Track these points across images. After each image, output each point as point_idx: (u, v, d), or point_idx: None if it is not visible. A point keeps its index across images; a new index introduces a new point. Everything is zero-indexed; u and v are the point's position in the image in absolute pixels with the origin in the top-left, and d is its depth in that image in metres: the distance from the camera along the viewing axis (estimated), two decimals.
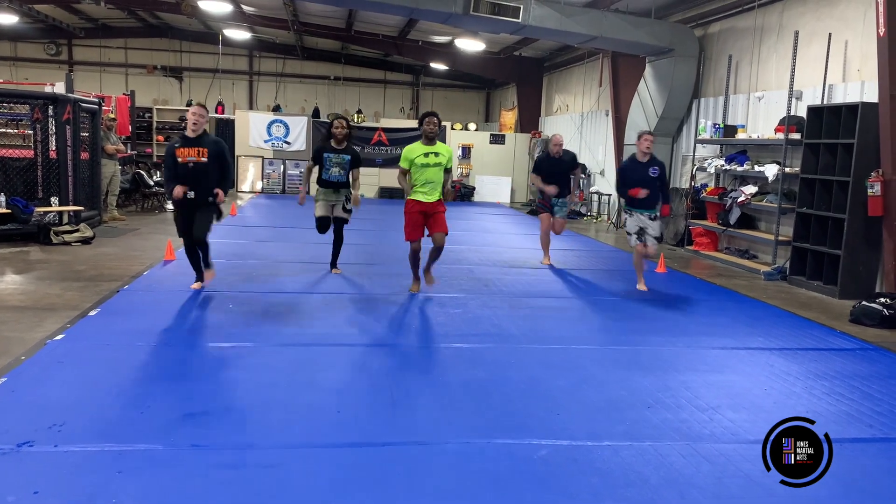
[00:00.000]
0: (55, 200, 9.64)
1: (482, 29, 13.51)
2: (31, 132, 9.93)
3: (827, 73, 8.69)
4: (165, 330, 5.35)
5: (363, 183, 18.78)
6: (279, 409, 3.96)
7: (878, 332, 6.42)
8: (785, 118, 9.11)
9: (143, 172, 13.53)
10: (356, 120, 20.56)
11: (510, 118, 21.34)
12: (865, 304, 6.78)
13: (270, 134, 18.18)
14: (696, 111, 11.86)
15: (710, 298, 7.61)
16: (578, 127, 16.86)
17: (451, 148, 6.87)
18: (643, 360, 5.23)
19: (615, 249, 11.11)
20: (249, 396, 4.12)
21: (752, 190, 9.78)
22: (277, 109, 21.50)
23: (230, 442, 3.50)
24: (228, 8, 15.96)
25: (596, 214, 15.79)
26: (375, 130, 18.58)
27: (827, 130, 8.21)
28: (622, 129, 13.89)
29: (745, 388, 4.70)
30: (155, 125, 20.39)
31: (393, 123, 19.50)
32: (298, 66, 23.03)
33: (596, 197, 15.77)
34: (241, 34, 19.91)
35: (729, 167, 10.16)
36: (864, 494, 3.29)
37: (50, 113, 9.65)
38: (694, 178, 11.24)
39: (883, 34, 7.12)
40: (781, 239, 9.11)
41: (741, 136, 10.10)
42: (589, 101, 16.45)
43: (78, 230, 9.32)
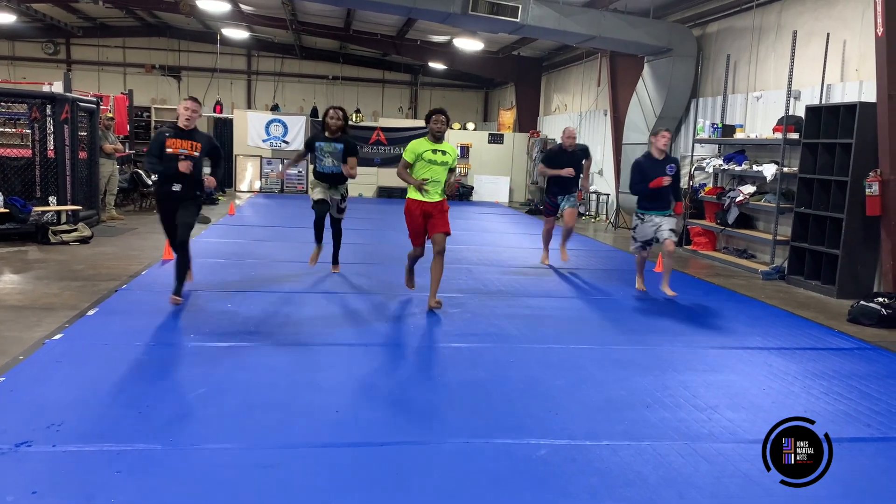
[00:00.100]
0: (53, 200, 9.63)
1: (481, 28, 13.51)
2: (29, 131, 9.91)
3: (825, 72, 8.70)
4: (164, 329, 5.34)
5: (362, 182, 19.09)
6: (278, 408, 3.96)
7: (876, 331, 6.43)
8: (783, 118, 9.12)
9: (141, 172, 13.48)
10: (354, 119, 20.54)
11: (508, 118, 21.34)
12: (863, 303, 6.80)
13: (269, 133, 18.18)
14: (694, 111, 11.87)
15: (708, 298, 7.61)
16: (577, 127, 16.85)
17: (456, 149, 6.62)
18: (641, 359, 5.23)
19: (613, 249, 11.12)
20: (248, 396, 4.12)
21: (750, 189, 9.79)
22: (276, 109, 21.46)
23: (229, 442, 3.50)
24: (227, 7, 15.94)
25: (594, 214, 15.79)
26: (374, 130, 18.61)
27: (825, 130, 8.22)
28: (620, 128, 13.91)
29: (743, 387, 4.70)
30: (153, 124, 20.35)
31: (391, 123, 19.53)
32: (297, 65, 23.01)
33: (594, 196, 15.78)
34: (239, 33, 19.88)
35: (727, 167, 10.17)
36: (862, 494, 3.29)
37: (48, 112, 9.63)
38: (692, 177, 11.25)
39: (881, 34, 7.13)
40: (779, 239, 9.12)
41: (739, 135, 10.11)
42: (587, 100, 16.46)
43: (76, 230, 9.32)
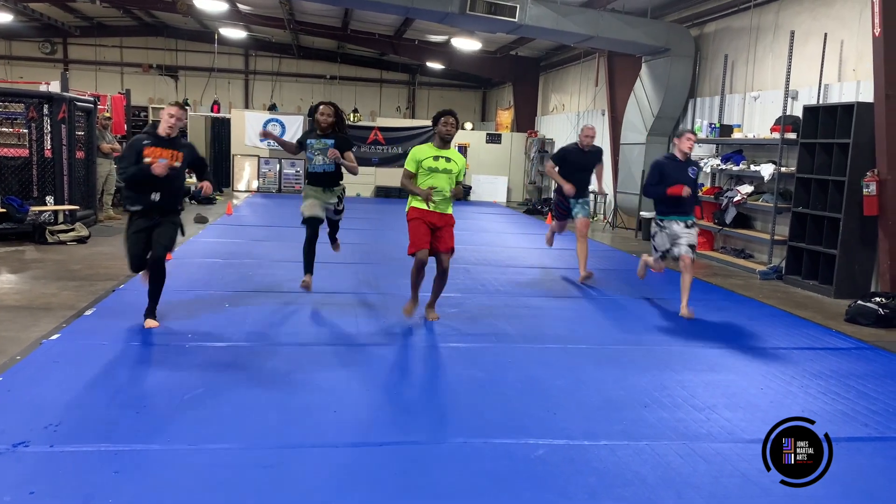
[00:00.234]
0: (50, 199, 9.61)
1: (479, 28, 13.51)
2: (26, 131, 9.89)
3: (823, 72, 8.71)
4: (161, 329, 5.33)
5: (359, 182, 19.08)
6: (276, 408, 3.96)
7: (873, 331, 6.44)
8: (781, 118, 9.13)
9: None
10: (352, 119, 20.52)
11: (506, 117, 21.35)
12: (861, 303, 6.81)
13: None
14: (692, 111, 11.87)
15: (705, 298, 7.61)
16: (575, 126, 16.86)
17: (464, 158, 5.99)
18: (639, 359, 5.23)
19: (611, 249, 11.12)
20: (246, 396, 4.11)
21: (747, 189, 9.80)
22: (273, 108, 21.45)
23: (227, 442, 3.49)
24: (224, 7, 15.93)
25: (592, 214, 15.80)
26: (372, 130, 18.61)
27: (823, 130, 8.23)
28: (618, 128, 13.91)
29: (741, 387, 4.71)
30: (150, 124, 20.34)
31: (389, 123, 19.52)
32: (294, 65, 23.00)
33: (592, 196, 15.76)
34: (236, 33, 19.86)
35: (725, 167, 10.18)
36: (860, 493, 3.29)
37: (45, 112, 9.61)
38: None
39: (879, 34, 7.14)
40: (777, 238, 9.13)
41: (737, 135, 10.11)
42: (585, 100, 16.47)
43: (73, 229, 9.30)
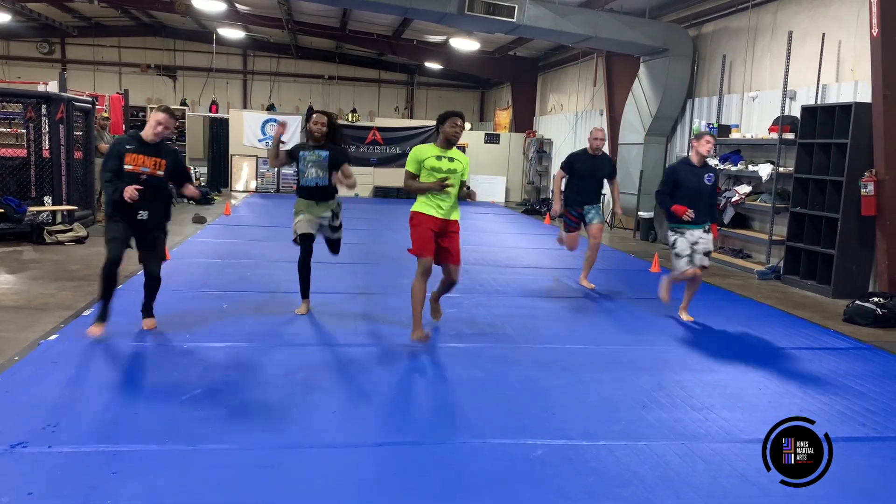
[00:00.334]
0: (48, 200, 9.59)
1: (477, 28, 13.51)
2: (24, 131, 9.88)
3: (821, 73, 8.72)
4: (159, 330, 5.32)
5: (358, 182, 18.95)
6: (274, 409, 3.95)
7: (871, 331, 6.45)
8: (779, 118, 9.14)
9: None
10: (350, 119, 20.51)
11: (505, 118, 21.36)
12: (859, 303, 6.81)
13: (265, 133, 18.14)
14: (690, 111, 11.88)
15: (703, 298, 7.60)
16: (573, 126, 16.88)
17: (467, 157, 5.56)
18: (638, 359, 5.24)
19: (609, 249, 11.12)
20: (244, 396, 4.11)
21: (745, 189, 9.81)
22: (272, 108, 21.45)
23: (226, 442, 3.49)
24: (222, 7, 15.92)
25: None
26: (370, 130, 18.62)
27: (820, 130, 8.24)
28: (616, 128, 13.92)
29: (739, 387, 4.71)
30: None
31: (388, 123, 19.53)
32: (293, 65, 22.99)
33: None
34: (235, 33, 19.86)
35: (723, 167, 10.18)
36: (859, 493, 3.30)
37: (43, 112, 9.60)
38: None
39: (876, 34, 7.15)
40: (775, 238, 9.14)
41: (735, 135, 10.13)
42: (583, 100, 16.47)
43: (71, 229, 9.29)
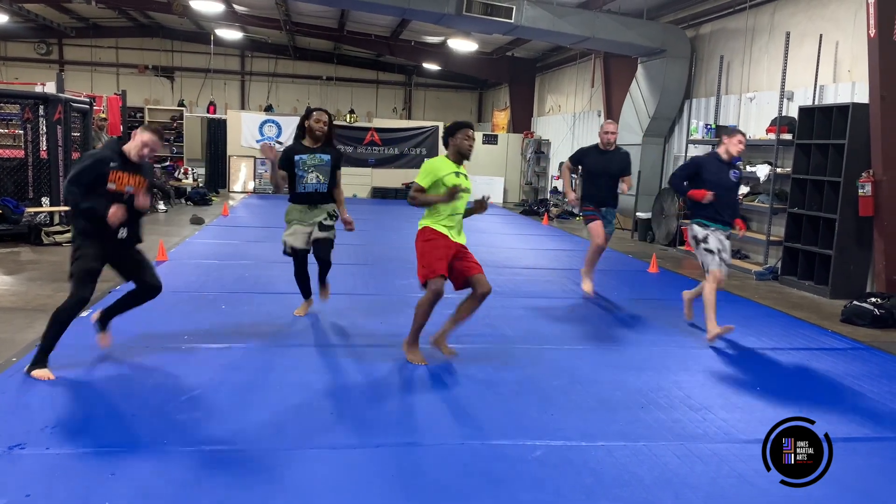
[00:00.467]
0: (46, 201, 9.58)
1: (475, 29, 13.51)
2: (21, 132, 9.87)
3: (818, 73, 8.73)
4: (157, 331, 5.31)
5: (356, 183, 19.06)
6: (273, 410, 3.95)
7: (869, 331, 6.46)
8: (776, 119, 9.15)
9: None
10: (348, 120, 20.50)
11: (502, 118, 21.37)
12: (856, 303, 6.82)
13: (262, 134, 18.14)
14: (687, 112, 11.90)
15: (701, 298, 7.61)
16: (571, 127, 16.89)
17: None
18: (636, 359, 5.24)
19: (608, 249, 11.09)
20: (243, 397, 4.10)
21: (743, 190, 9.81)
22: (269, 109, 21.44)
23: (224, 443, 3.49)
24: (220, 8, 15.92)
25: None
26: (368, 131, 18.61)
27: (818, 131, 8.25)
28: None
29: (737, 388, 4.72)
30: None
31: (386, 123, 19.52)
32: (290, 66, 22.98)
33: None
34: (232, 34, 19.84)
35: None
36: (857, 493, 3.30)
37: (40, 113, 9.58)
38: None
39: (874, 35, 7.17)
40: (773, 239, 9.15)
41: None
42: (581, 101, 16.48)
43: (69, 230, 9.27)
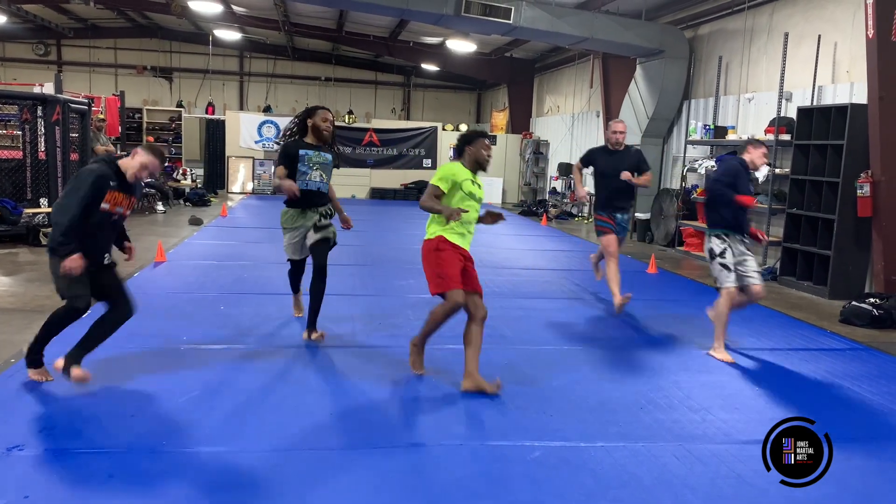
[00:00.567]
0: (44, 202, 9.56)
1: (473, 30, 13.52)
2: (19, 133, 9.86)
3: (816, 74, 8.74)
4: (156, 332, 5.31)
5: (355, 184, 19.08)
6: (272, 411, 3.95)
7: (867, 332, 6.46)
8: (775, 119, 9.15)
9: None
10: (347, 121, 20.49)
11: (501, 119, 21.37)
12: (855, 304, 6.83)
13: (261, 135, 18.15)
14: (686, 112, 11.91)
15: (700, 299, 7.61)
16: (569, 128, 16.90)
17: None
18: (635, 360, 5.24)
19: None
20: (242, 399, 4.10)
21: None
22: (268, 110, 21.44)
23: (223, 444, 3.48)
24: (219, 8, 15.90)
25: (587, 215, 15.82)
26: (367, 131, 18.63)
27: (816, 132, 8.26)
28: None
29: (736, 388, 4.72)
30: (145, 126, 20.29)
31: (384, 124, 19.52)
32: (289, 66, 22.96)
33: (590, 197, 15.77)
34: (231, 35, 19.83)
35: None
36: (856, 494, 3.30)
37: (39, 114, 9.58)
38: (684, 179, 11.29)
39: (872, 36, 7.17)
40: (772, 239, 9.15)
41: (731, 137, 10.13)
42: (580, 102, 16.49)
43: None
